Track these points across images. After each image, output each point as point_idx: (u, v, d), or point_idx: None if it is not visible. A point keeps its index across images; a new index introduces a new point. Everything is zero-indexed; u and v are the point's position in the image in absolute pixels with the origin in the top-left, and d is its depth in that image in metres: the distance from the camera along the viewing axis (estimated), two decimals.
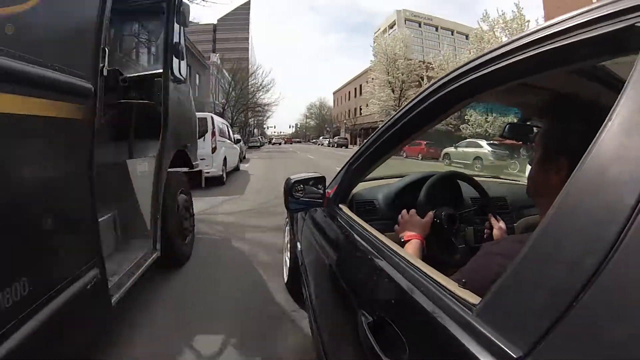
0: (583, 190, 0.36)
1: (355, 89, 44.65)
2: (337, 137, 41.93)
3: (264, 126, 61.56)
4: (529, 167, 0.76)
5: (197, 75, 23.44)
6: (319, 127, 66.18)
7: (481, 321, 0.42)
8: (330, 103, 64.85)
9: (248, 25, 72.67)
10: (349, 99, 47.50)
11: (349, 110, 47.15)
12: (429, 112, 0.79)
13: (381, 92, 26.46)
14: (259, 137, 47.01)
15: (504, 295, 0.42)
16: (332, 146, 36.70)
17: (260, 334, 1.81)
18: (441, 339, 0.48)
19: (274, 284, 2.38)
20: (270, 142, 52.97)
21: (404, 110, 0.86)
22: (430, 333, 0.52)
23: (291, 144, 55.73)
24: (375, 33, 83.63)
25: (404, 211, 1.11)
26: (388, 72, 26.06)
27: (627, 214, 0.30)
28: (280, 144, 51.48)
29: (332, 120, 57.06)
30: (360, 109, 40.80)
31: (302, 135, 77.63)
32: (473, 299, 0.47)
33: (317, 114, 68.94)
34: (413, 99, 0.83)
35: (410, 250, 0.95)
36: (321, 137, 51.03)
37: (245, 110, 34.45)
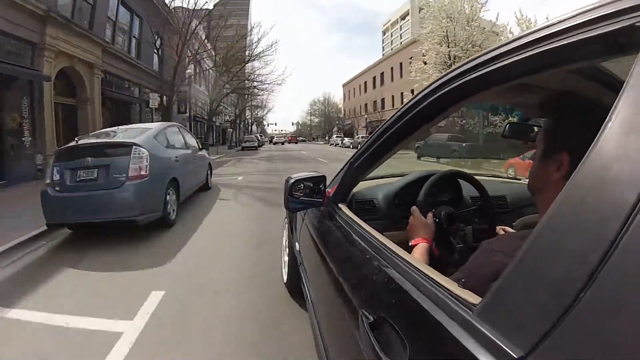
0: (584, 189, 0.36)
1: (375, 77, 37.54)
2: (359, 136, 32.82)
3: (264, 122, 55.76)
4: None
5: (158, 40, 13.99)
6: (323, 124, 60.78)
7: (482, 321, 0.42)
8: (336, 99, 60.22)
9: (248, 11, 68.17)
10: (366, 91, 40.33)
11: (367, 104, 40.12)
12: (430, 111, 0.79)
13: (437, 70, 17.22)
14: (258, 135, 39.36)
15: (504, 295, 0.42)
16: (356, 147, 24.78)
17: None
18: (442, 339, 0.48)
19: None
20: (271, 141, 46.73)
21: (405, 108, 0.86)
22: (431, 333, 0.52)
23: (296, 143, 47.41)
24: (384, 25, 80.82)
25: (412, 217, 1.10)
26: (448, 42, 17.40)
27: (627, 212, 0.30)
28: (283, 143, 43.13)
29: (344, 116, 50.45)
30: (383, 101, 34.46)
31: (305, 133, 71.51)
32: (473, 298, 0.47)
33: (321, 111, 63.12)
34: (414, 97, 0.83)
35: (418, 255, 0.96)
36: (334, 136, 41.13)
37: (235, 90, 22.68)
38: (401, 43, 49.89)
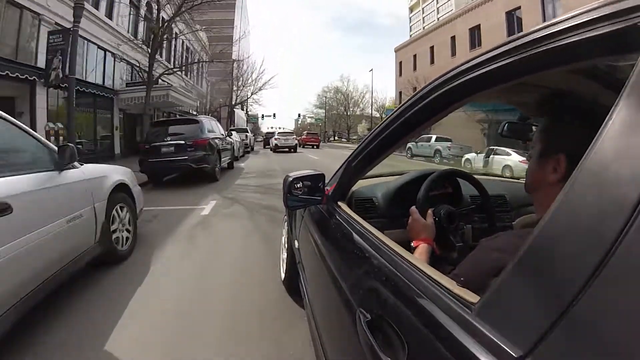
0: (585, 188, 0.36)
1: (513, 13, 17.74)
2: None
3: (257, 116, 41.49)
4: None
5: None
6: (339, 118, 44.57)
7: (480, 320, 0.42)
8: (359, 85, 45.66)
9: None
10: (478, 45, 19.74)
11: None
12: (429, 110, 0.79)
13: None
14: (219, 129, 8.73)
15: (503, 294, 0.42)
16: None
17: None
18: (440, 338, 0.48)
19: None
20: (267, 144, 24.39)
21: (404, 107, 0.86)
22: (429, 332, 0.52)
23: (316, 147, 25.93)
24: (411, 2, 74.06)
25: (411, 218, 1.10)
26: None
27: (628, 212, 0.30)
28: (291, 149, 20.29)
29: (400, 98, 27.97)
30: None
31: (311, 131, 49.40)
32: (472, 297, 0.47)
33: (336, 101, 45.76)
34: (413, 96, 0.83)
35: (419, 255, 0.96)
36: (513, 154, 9.16)
37: None
38: (438, 19, 39.57)
